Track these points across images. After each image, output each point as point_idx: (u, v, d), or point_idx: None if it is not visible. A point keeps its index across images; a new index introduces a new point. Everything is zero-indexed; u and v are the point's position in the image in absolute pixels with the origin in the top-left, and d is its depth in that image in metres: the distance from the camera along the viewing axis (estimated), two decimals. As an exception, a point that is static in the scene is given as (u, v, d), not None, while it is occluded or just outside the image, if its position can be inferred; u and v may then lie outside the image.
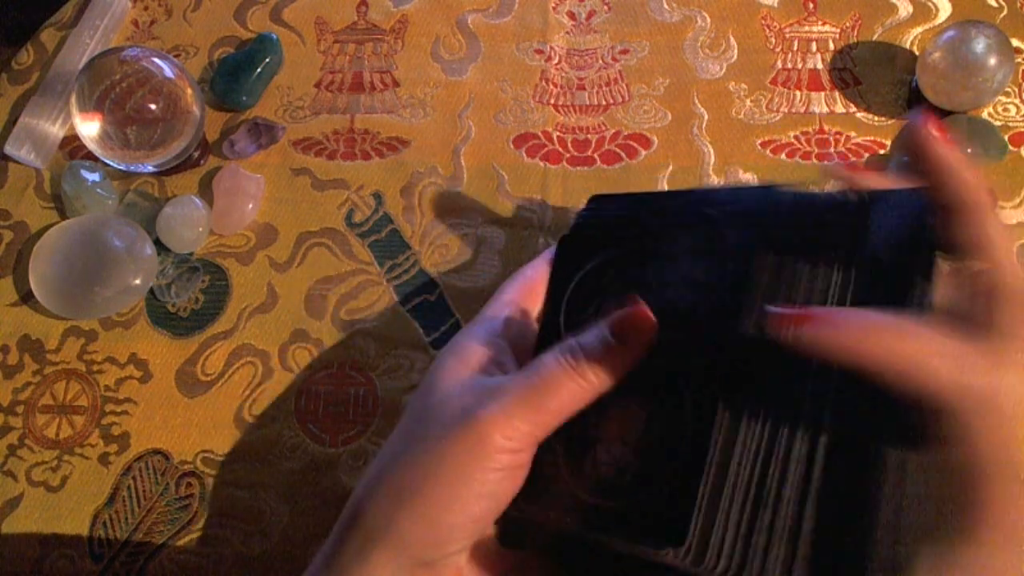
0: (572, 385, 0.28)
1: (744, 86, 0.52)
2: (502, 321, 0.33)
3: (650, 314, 0.28)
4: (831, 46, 0.52)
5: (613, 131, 0.51)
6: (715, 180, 0.49)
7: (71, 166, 0.51)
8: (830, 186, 0.32)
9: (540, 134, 0.51)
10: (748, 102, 0.51)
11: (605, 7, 0.55)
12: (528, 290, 0.35)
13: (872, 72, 0.51)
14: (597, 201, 0.36)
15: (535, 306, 0.35)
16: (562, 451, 0.30)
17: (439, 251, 0.49)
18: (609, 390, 0.29)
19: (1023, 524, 0.23)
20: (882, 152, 0.49)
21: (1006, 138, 0.48)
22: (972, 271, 0.25)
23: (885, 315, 0.23)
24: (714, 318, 0.28)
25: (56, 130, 0.54)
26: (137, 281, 0.47)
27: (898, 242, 0.27)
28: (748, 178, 0.49)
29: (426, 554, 0.28)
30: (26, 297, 0.49)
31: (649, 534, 0.26)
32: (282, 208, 0.51)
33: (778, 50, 0.53)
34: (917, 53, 0.51)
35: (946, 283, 0.26)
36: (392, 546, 0.27)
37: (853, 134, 0.49)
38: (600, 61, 0.53)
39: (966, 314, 0.25)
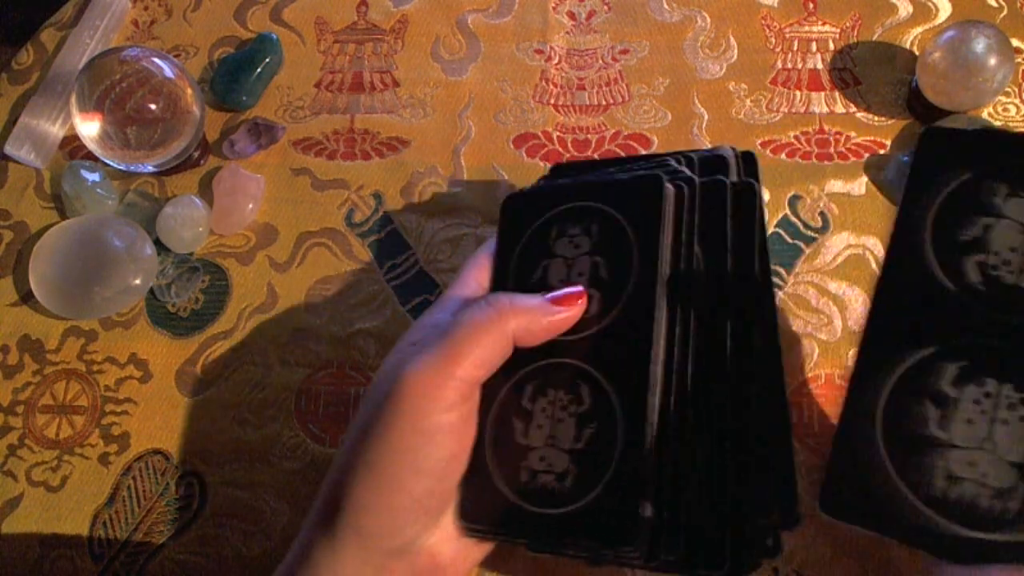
0: (487, 325, 0.29)
1: (744, 86, 0.52)
2: (459, 300, 0.33)
3: (584, 301, 0.30)
4: (831, 46, 0.52)
5: (613, 131, 0.51)
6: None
7: (71, 166, 0.51)
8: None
9: (540, 134, 0.51)
10: (748, 102, 0.51)
11: (605, 7, 0.55)
12: (485, 266, 0.35)
13: (872, 72, 0.51)
14: (553, 171, 0.39)
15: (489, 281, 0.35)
16: (490, 460, 0.30)
17: (439, 251, 0.49)
18: (521, 388, 0.30)
19: None
20: (882, 152, 0.49)
21: (1006, 138, 0.48)
22: None
23: None
24: (630, 312, 0.30)
25: (56, 130, 0.54)
26: (137, 281, 0.47)
27: None
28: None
29: (388, 543, 0.28)
30: (26, 297, 0.49)
31: (605, 538, 0.27)
32: (282, 208, 0.51)
33: (778, 50, 0.53)
34: (917, 53, 0.51)
35: None
36: (356, 539, 0.28)
37: (853, 134, 0.49)
38: (600, 61, 0.53)
39: None
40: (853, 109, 0.50)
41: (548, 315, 0.30)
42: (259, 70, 0.53)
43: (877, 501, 0.25)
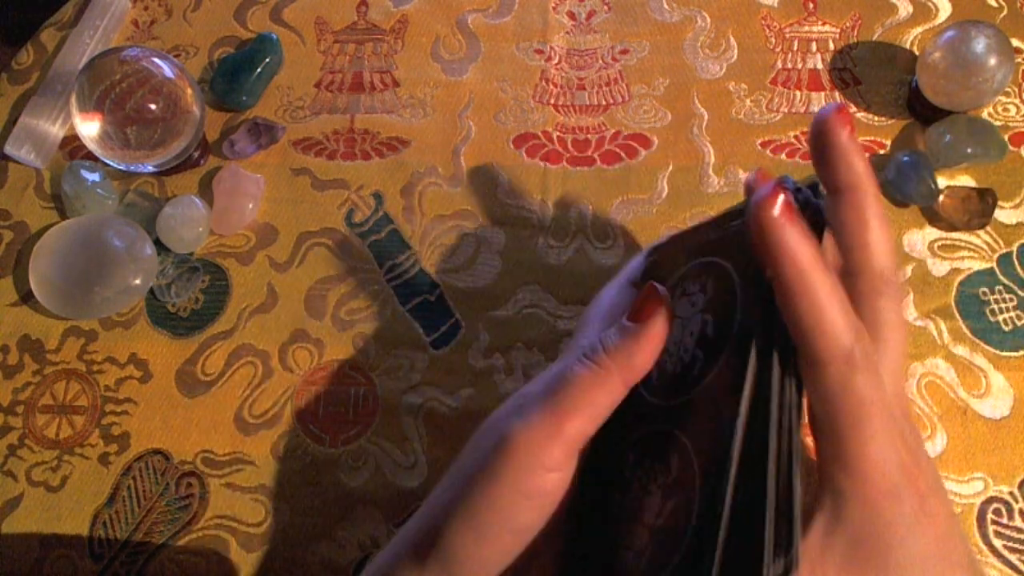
0: (593, 379, 0.27)
1: (744, 86, 0.52)
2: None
3: (660, 289, 0.28)
4: (831, 46, 0.52)
5: (613, 131, 0.51)
6: (715, 180, 0.49)
7: (71, 166, 0.51)
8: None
9: (540, 134, 0.51)
10: (748, 102, 0.51)
11: (605, 7, 0.55)
12: (612, 312, 0.33)
13: (872, 72, 0.51)
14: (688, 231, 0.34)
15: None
16: (588, 531, 0.29)
17: (439, 251, 0.49)
18: (619, 453, 0.28)
19: (903, 480, 0.23)
20: (882, 152, 0.49)
21: (1006, 138, 0.48)
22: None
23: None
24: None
25: (56, 130, 0.54)
26: (137, 281, 0.47)
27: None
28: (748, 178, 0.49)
29: None
30: (26, 297, 0.49)
31: None
32: (282, 208, 0.51)
33: (778, 50, 0.53)
34: (917, 53, 0.51)
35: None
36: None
37: (853, 134, 0.49)
38: (600, 61, 0.53)
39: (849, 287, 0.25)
40: (853, 109, 0.50)
41: (639, 338, 0.28)
42: (259, 70, 0.53)
43: None
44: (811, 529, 0.24)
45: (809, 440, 0.26)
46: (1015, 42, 0.50)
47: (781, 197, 0.23)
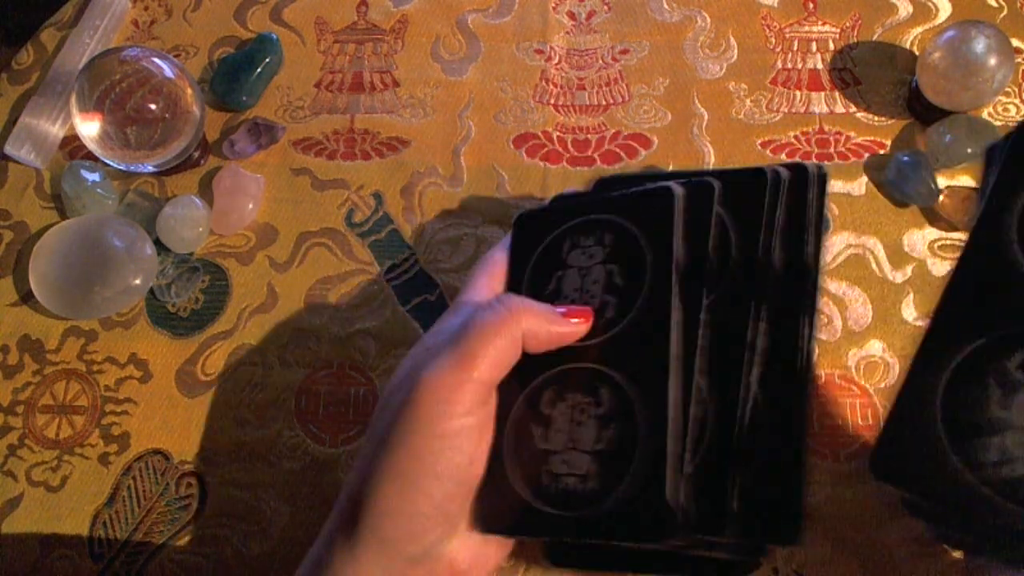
0: (505, 331, 0.29)
1: (744, 86, 0.52)
2: (472, 305, 0.33)
3: (590, 313, 0.31)
4: (831, 46, 0.52)
5: (613, 131, 0.51)
6: (715, 180, 0.49)
7: (71, 166, 0.51)
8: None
9: (540, 134, 0.51)
10: (748, 102, 0.51)
11: (605, 7, 0.55)
12: (495, 273, 0.35)
13: (872, 72, 0.51)
14: (556, 199, 0.39)
15: (502, 288, 0.35)
16: (509, 467, 0.30)
17: (439, 251, 0.49)
18: (539, 395, 0.30)
19: None
20: (882, 152, 0.49)
21: (1006, 138, 0.48)
22: None
23: None
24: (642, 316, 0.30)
25: (56, 130, 0.54)
26: (137, 281, 0.47)
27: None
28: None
29: (408, 549, 0.28)
30: (26, 297, 0.49)
31: (638, 533, 0.27)
32: (282, 208, 0.51)
33: (778, 50, 0.53)
34: (917, 53, 0.51)
35: None
36: (376, 545, 0.28)
37: (853, 134, 0.49)
38: (600, 61, 0.53)
39: None
40: (853, 109, 0.50)
41: (556, 324, 0.30)
42: (259, 70, 0.53)
43: (929, 472, 0.25)
44: None
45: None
46: (1015, 42, 0.50)
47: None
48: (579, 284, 0.33)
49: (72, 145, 0.54)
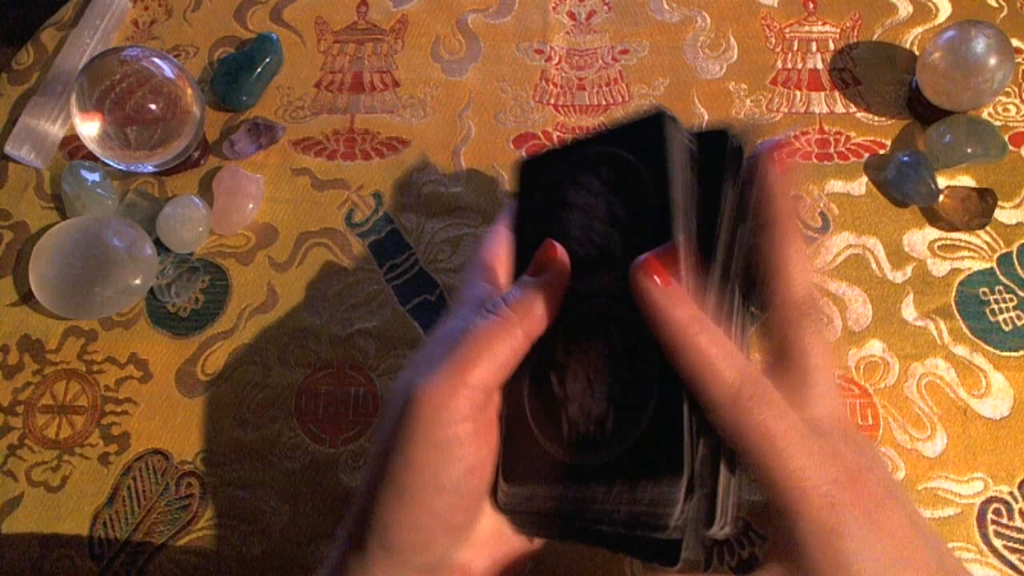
0: (494, 330, 0.28)
1: (744, 86, 0.52)
2: (471, 305, 0.32)
3: (558, 247, 0.30)
4: (831, 46, 0.52)
5: (613, 131, 0.51)
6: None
7: (71, 166, 0.51)
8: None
9: (540, 134, 0.51)
10: (748, 102, 0.51)
11: (605, 7, 0.55)
12: (489, 265, 0.34)
13: (872, 72, 0.51)
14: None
15: (505, 279, 0.34)
16: (532, 419, 0.30)
17: (439, 251, 0.49)
18: (553, 342, 0.30)
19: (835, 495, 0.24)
20: (882, 152, 0.49)
21: (1006, 138, 0.48)
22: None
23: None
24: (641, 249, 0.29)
25: (56, 130, 0.54)
26: (137, 281, 0.47)
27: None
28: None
29: (418, 559, 0.28)
30: (26, 297, 0.49)
31: (646, 475, 0.26)
32: (282, 208, 0.51)
33: (778, 50, 0.53)
34: (917, 53, 0.51)
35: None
36: (386, 557, 0.27)
37: (853, 134, 0.49)
38: (600, 61, 0.53)
39: (780, 352, 0.27)
40: (853, 109, 0.50)
41: (541, 293, 0.29)
42: (259, 70, 0.53)
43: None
44: (768, 552, 0.25)
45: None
46: (1015, 42, 0.50)
47: (650, 274, 0.26)
48: (581, 222, 0.31)
49: (72, 145, 0.54)
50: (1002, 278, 0.46)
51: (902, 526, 0.24)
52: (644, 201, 0.30)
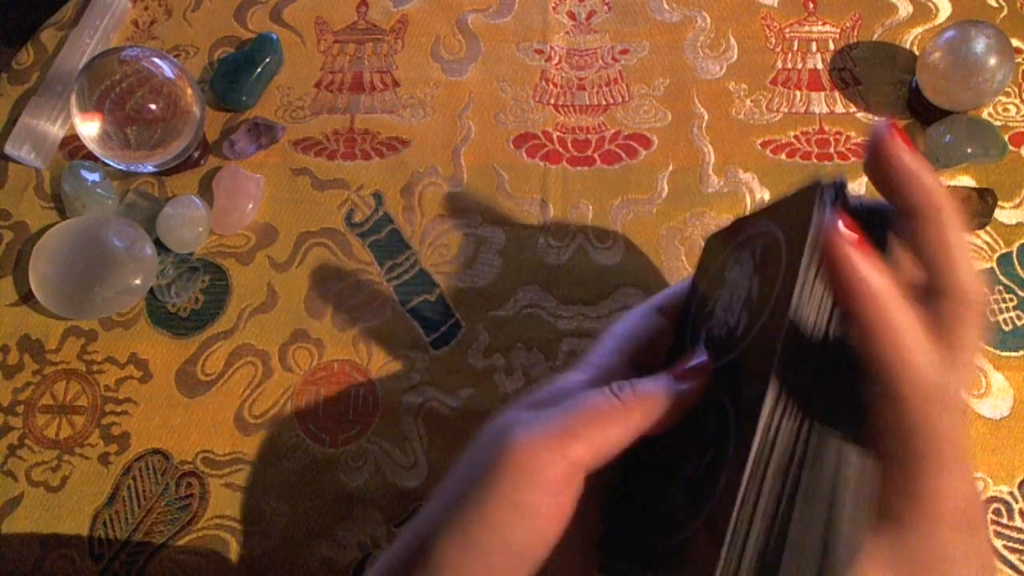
0: (611, 412, 0.27)
1: (744, 86, 0.52)
2: (594, 366, 0.31)
3: (708, 366, 0.27)
4: (831, 46, 0.52)
5: (613, 131, 0.51)
6: (715, 180, 0.49)
7: (71, 166, 0.51)
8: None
9: (540, 134, 0.51)
10: (748, 102, 0.51)
11: (605, 7, 0.55)
12: (634, 340, 0.32)
13: (872, 72, 0.51)
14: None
15: (643, 359, 0.32)
16: (637, 487, 0.29)
17: (439, 251, 0.49)
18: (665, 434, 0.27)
19: (969, 513, 0.23)
20: (882, 152, 0.49)
21: (1006, 138, 0.48)
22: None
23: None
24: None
25: (56, 130, 0.54)
26: (137, 281, 0.47)
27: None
28: (747, 178, 0.49)
29: None
30: (26, 297, 0.49)
31: (686, 571, 0.25)
32: (282, 208, 0.51)
33: (778, 50, 0.53)
34: (917, 53, 0.51)
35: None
36: None
37: (853, 134, 0.49)
38: (600, 61, 0.53)
39: (928, 313, 0.24)
40: (853, 109, 0.50)
41: (672, 398, 0.27)
42: (259, 70, 0.53)
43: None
44: (870, 556, 0.23)
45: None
46: (1015, 42, 0.50)
47: (843, 228, 0.23)
48: (728, 302, 0.29)
49: (72, 145, 0.54)
50: (1002, 278, 0.46)
51: (988, 554, 0.24)
52: (774, 286, 0.26)
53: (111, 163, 0.49)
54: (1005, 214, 0.47)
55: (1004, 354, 0.44)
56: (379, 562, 0.29)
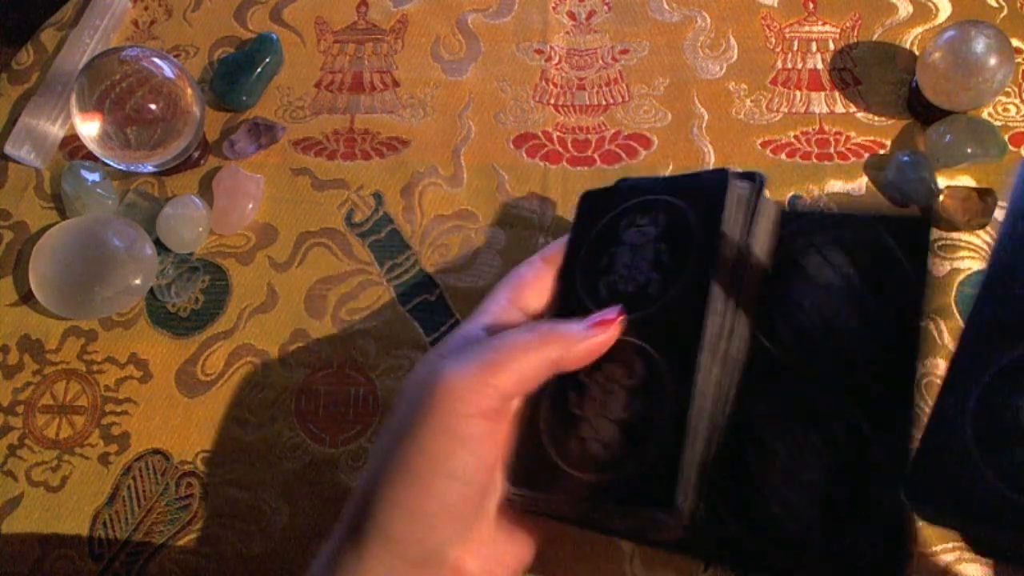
0: (534, 352, 0.29)
1: (744, 86, 0.52)
2: (490, 314, 0.34)
3: (621, 319, 0.31)
4: (831, 46, 0.52)
5: (613, 131, 0.51)
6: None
7: (71, 166, 0.51)
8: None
9: (540, 134, 0.51)
10: (748, 102, 0.51)
11: (605, 7, 0.55)
12: (521, 287, 0.35)
13: (872, 72, 0.51)
14: (620, 181, 0.40)
15: (528, 303, 0.35)
16: (546, 431, 0.31)
17: (439, 251, 0.49)
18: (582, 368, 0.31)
19: None
20: (882, 152, 0.49)
21: (1006, 138, 0.48)
22: None
23: None
24: (683, 299, 0.31)
25: (56, 130, 0.54)
26: (137, 281, 0.47)
27: None
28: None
29: (414, 549, 0.28)
30: (26, 297, 0.49)
31: (641, 502, 0.28)
32: (282, 208, 0.51)
33: (778, 50, 0.53)
34: (917, 53, 0.51)
35: None
36: (382, 545, 0.28)
37: (853, 134, 0.49)
38: (600, 61, 0.53)
39: None
40: (853, 109, 0.50)
41: (587, 340, 0.31)
42: (259, 70, 0.53)
43: (961, 486, 0.24)
44: None
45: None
46: (1015, 42, 0.50)
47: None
48: (629, 260, 0.34)
49: (72, 145, 0.54)
50: (1002, 278, 0.45)
51: None
52: (689, 256, 0.32)
53: (111, 163, 0.49)
54: (1005, 214, 0.47)
55: (1004, 354, 0.44)
56: (325, 543, 0.30)
